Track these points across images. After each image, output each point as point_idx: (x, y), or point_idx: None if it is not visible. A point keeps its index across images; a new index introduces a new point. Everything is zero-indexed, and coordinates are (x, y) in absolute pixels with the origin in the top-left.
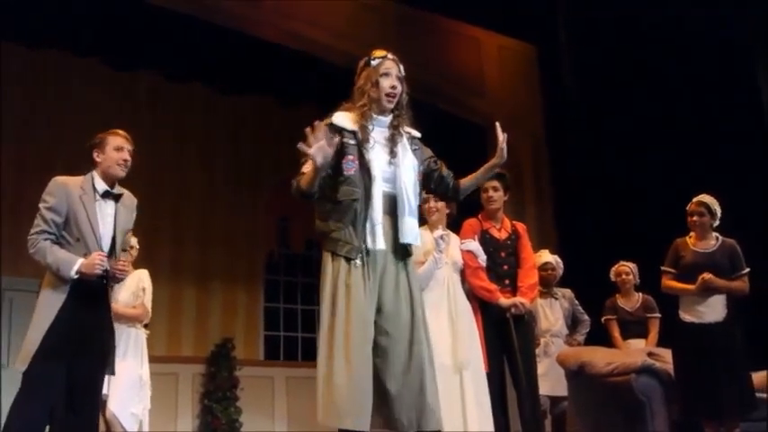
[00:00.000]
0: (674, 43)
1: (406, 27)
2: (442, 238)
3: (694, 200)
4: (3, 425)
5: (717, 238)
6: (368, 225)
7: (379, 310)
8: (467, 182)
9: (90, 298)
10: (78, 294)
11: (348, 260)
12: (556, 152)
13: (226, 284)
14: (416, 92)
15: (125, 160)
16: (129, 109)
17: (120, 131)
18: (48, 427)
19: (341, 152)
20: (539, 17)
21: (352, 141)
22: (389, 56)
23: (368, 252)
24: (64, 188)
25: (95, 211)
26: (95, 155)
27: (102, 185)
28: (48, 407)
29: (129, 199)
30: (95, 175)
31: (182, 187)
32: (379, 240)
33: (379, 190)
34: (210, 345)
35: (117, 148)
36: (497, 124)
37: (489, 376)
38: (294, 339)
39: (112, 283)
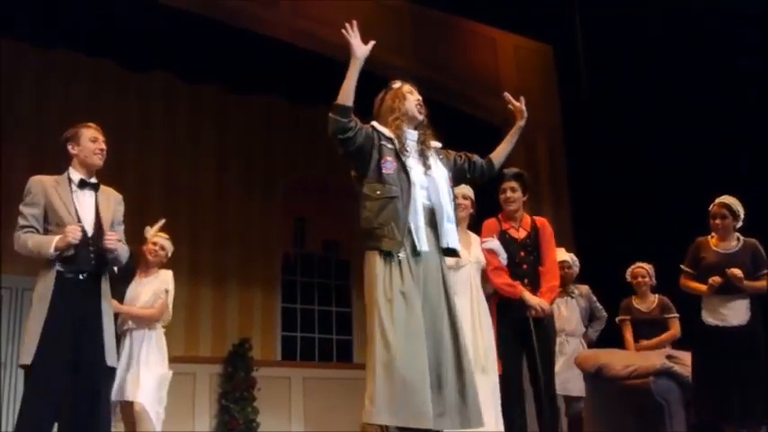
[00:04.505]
0: (693, 42)
1: (422, 27)
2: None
3: (716, 201)
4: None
5: (738, 239)
6: (411, 226)
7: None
8: (498, 152)
9: (82, 286)
10: (67, 283)
11: (392, 256)
12: (573, 152)
13: (243, 285)
14: (432, 92)
15: (101, 149)
16: (142, 110)
17: (92, 124)
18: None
19: (379, 153)
20: (555, 16)
21: (390, 146)
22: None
23: (413, 252)
24: (39, 183)
25: (71, 198)
26: (70, 147)
27: (77, 176)
28: (54, 402)
29: (114, 193)
30: (71, 168)
31: (197, 188)
32: (423, 242)
33: (419, 196)
34: (228, 345)
35: (92, 139)
36: (506, 93)
37: (504, 377)
38: (311, 340)
39: (112, 265)
